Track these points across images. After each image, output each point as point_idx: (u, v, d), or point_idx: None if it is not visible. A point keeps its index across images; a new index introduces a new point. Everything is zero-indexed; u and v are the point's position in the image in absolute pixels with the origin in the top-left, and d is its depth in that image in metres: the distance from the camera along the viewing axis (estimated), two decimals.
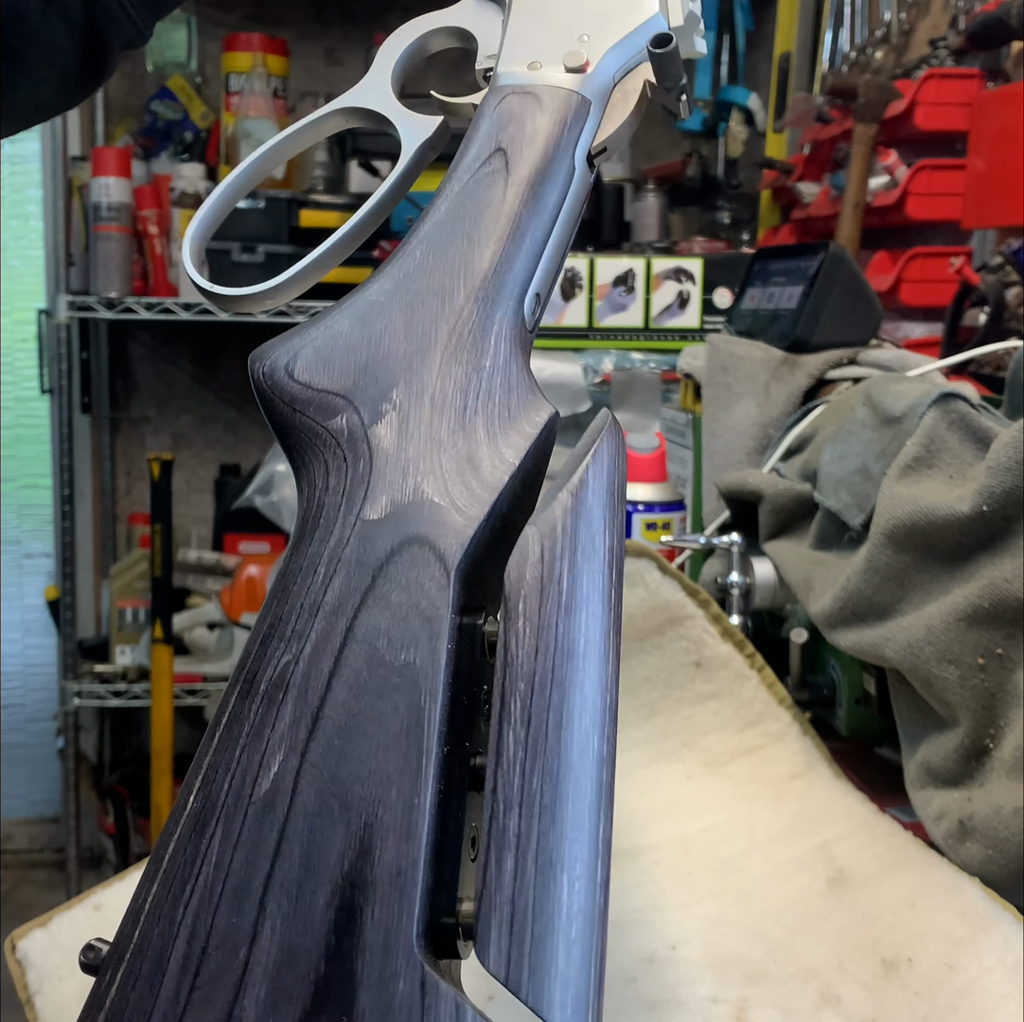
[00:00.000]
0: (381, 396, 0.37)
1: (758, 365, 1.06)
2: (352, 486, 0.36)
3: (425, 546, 0.35)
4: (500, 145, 0.41)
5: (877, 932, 0.61)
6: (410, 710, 0.33)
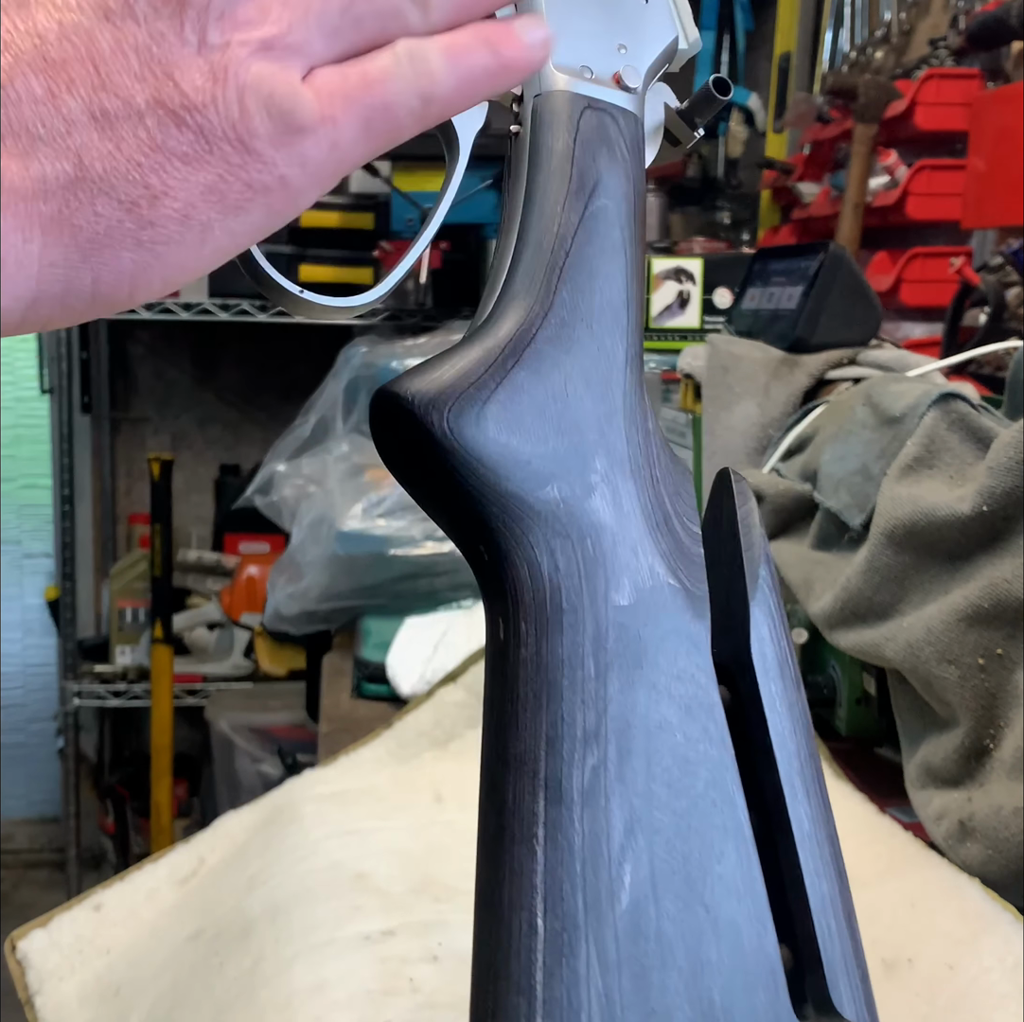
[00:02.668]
0: (585, 465, 0.35)
1: (758, 365, 1.06)
2: (587, 567, 0.34)
3: (681, 634, 0.35)
4: (601, 174, 0.38)
5: (877, 932, 0.61)
6: (726, 803, 0.34)
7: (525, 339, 0.36)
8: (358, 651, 1.26)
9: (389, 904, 0.66)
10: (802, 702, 0.37)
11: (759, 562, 0.37)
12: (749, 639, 0.36)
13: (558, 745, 0.33)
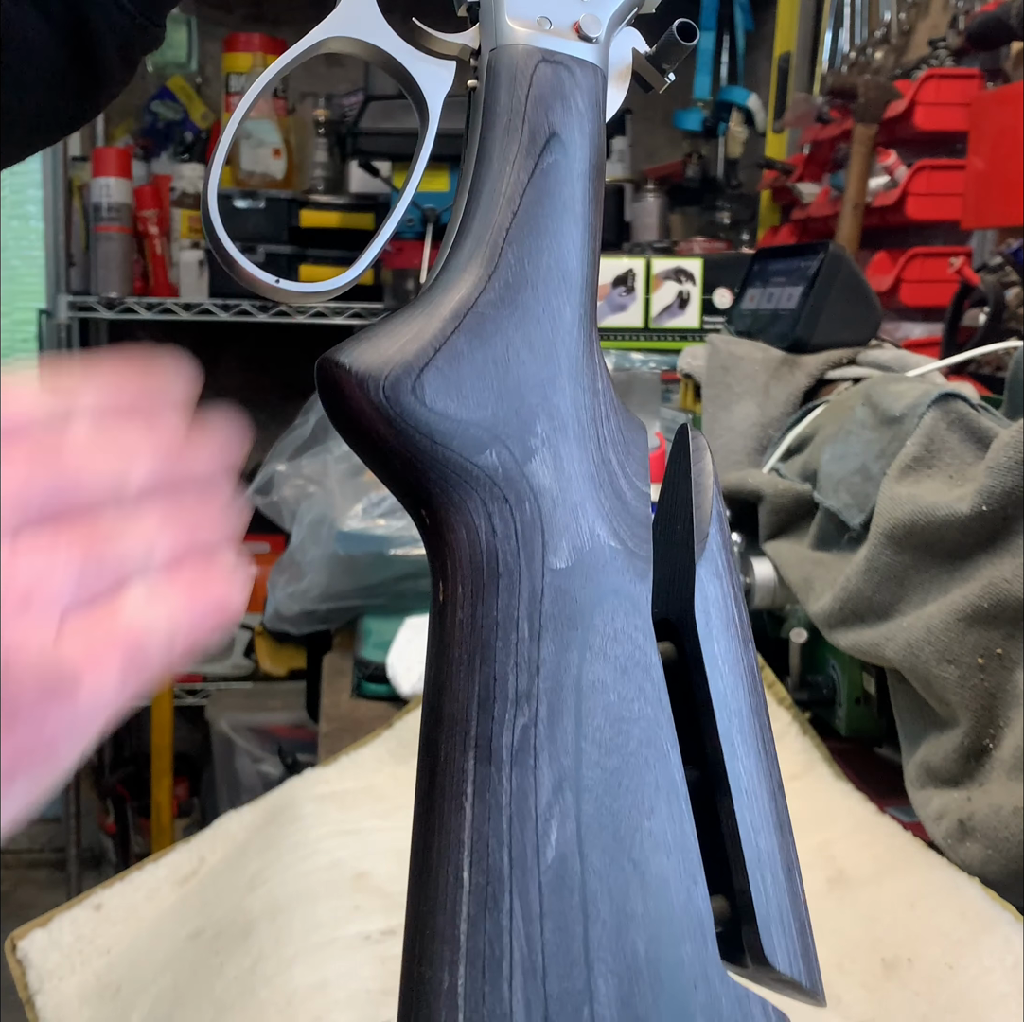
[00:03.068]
0: (525, 429, 0.35)
1: (758, 365, 1.06)
2: (525, 531, 0.35)
3: (621, 595, 0.35)
4: (554, 129, 0.37)
5: (877, 932, 0.61)
6: (659, 760, 0.35)
7: (467, 304, 0.36)
8: (358, 651, 1.26)
9: (389, 904, 0.66)
10: (748, 660, 0.37)
11: (708, 521, 0.37)
12: (693, 600, 0.36)
13: (489, 705, 0.34)
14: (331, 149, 2.58)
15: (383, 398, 0.34)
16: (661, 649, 0.36)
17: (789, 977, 0.34)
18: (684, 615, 0.37)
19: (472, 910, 0.33)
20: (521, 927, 0.32)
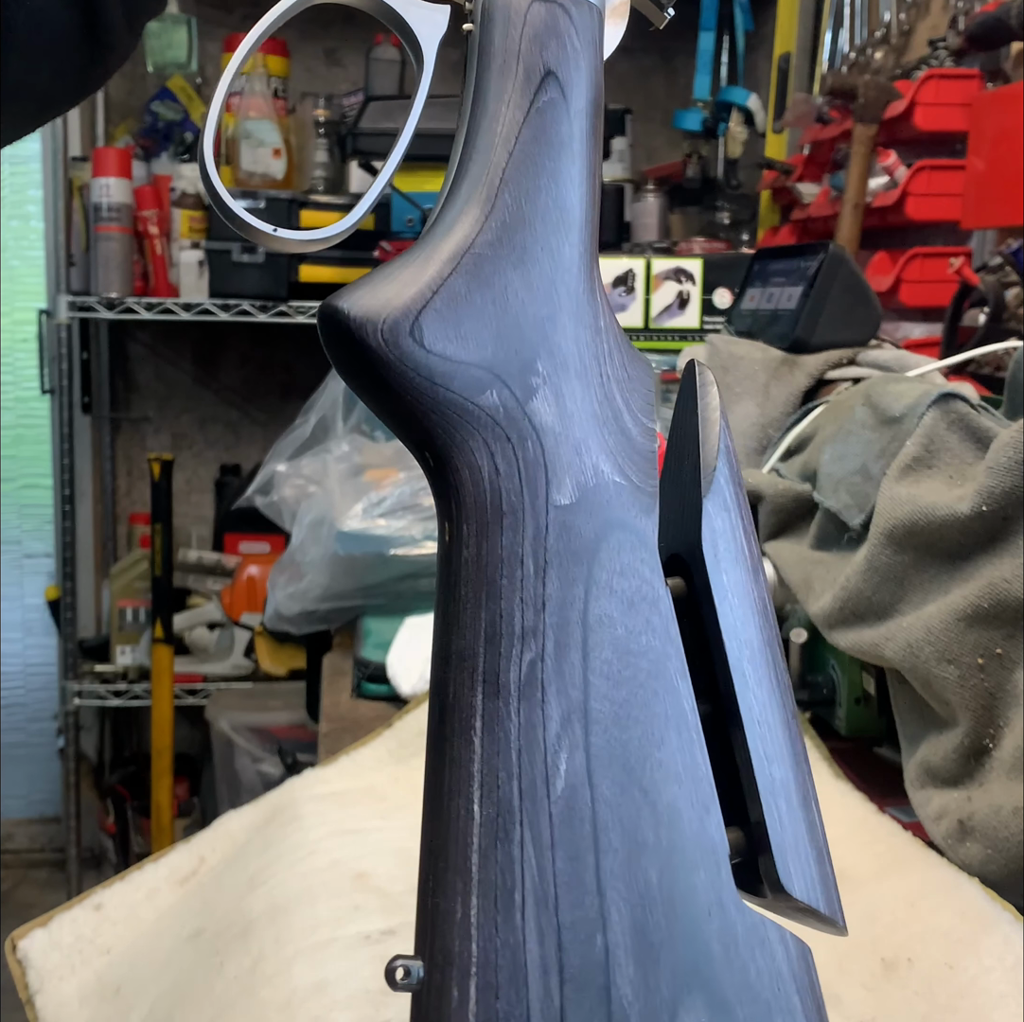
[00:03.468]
0: (526, 368, 0.35)
1: (758, 365, 1.06)
2: (528, 469, 0.35)
3: (626, 529, 0.36)
4: (549, 67, 0.37)
5: (877, 932, 0.61)
6: (668, 691, 0.35)
7: (465, 245, 0.36)
8: (358, 651, 1.26)
9: (389, 903, 0.66)
10: (759, 591, 0.37)
11: (715, 454, 0.37)
12: (700, 532, 0.36)
13: (496, 641, 0.34)
14: (331, 149, 2.58)
15: (382, 341, 0.34)
16: (671, 584, 0.36)
17: (806, 904, 0.35)
18: (693, 549, 0.37)
19: (483, 842, 0.33)
20: (532, 858, 0.33)
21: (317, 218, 2.42)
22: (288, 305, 2.42)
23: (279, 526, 1.62)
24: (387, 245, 2.17)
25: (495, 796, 0.33)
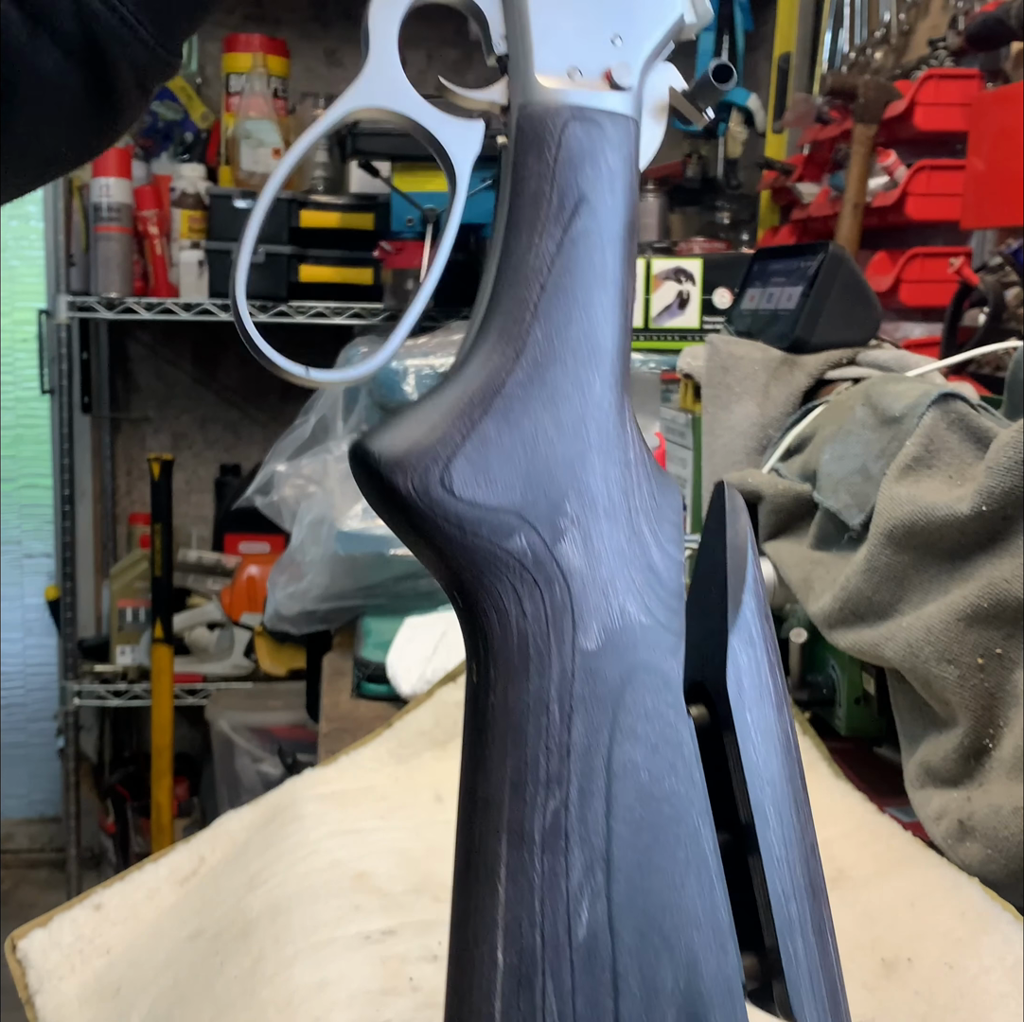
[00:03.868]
0: (554, 510, 0.35)
1: (758, 365, 1.06)
2: (555, 613, 0.35)
3: (651, 672, 0.36)
4: (583, 193, 0.36)
5: (877, 931, 0.61)
6: (689, 837, 0.35)
7: (495, 386, 0.36)
8: (358, 651, 1.26)
9: (389, 903, 0.66)
10: (783, 725, 0.37)
11: (743, 587, 0.37)
12: (725, 669, 0.36)
13: (521, 789, 0.34)
14: (331, 149, 2.57)
15: (412, 490, 0.35)
16: (694, 713, 0.36)
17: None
18: (717, 682, 0.37)
19: (506, 989, 0.34)
20: (553, 1005, 0.34)
21: (317, 218, 2.42)
22: (288, 305, 2.42)
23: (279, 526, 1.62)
24: (387, 245, 2.16)
25: (518, 944, 0.34)
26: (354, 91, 0.37)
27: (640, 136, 0.38)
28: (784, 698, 0.37)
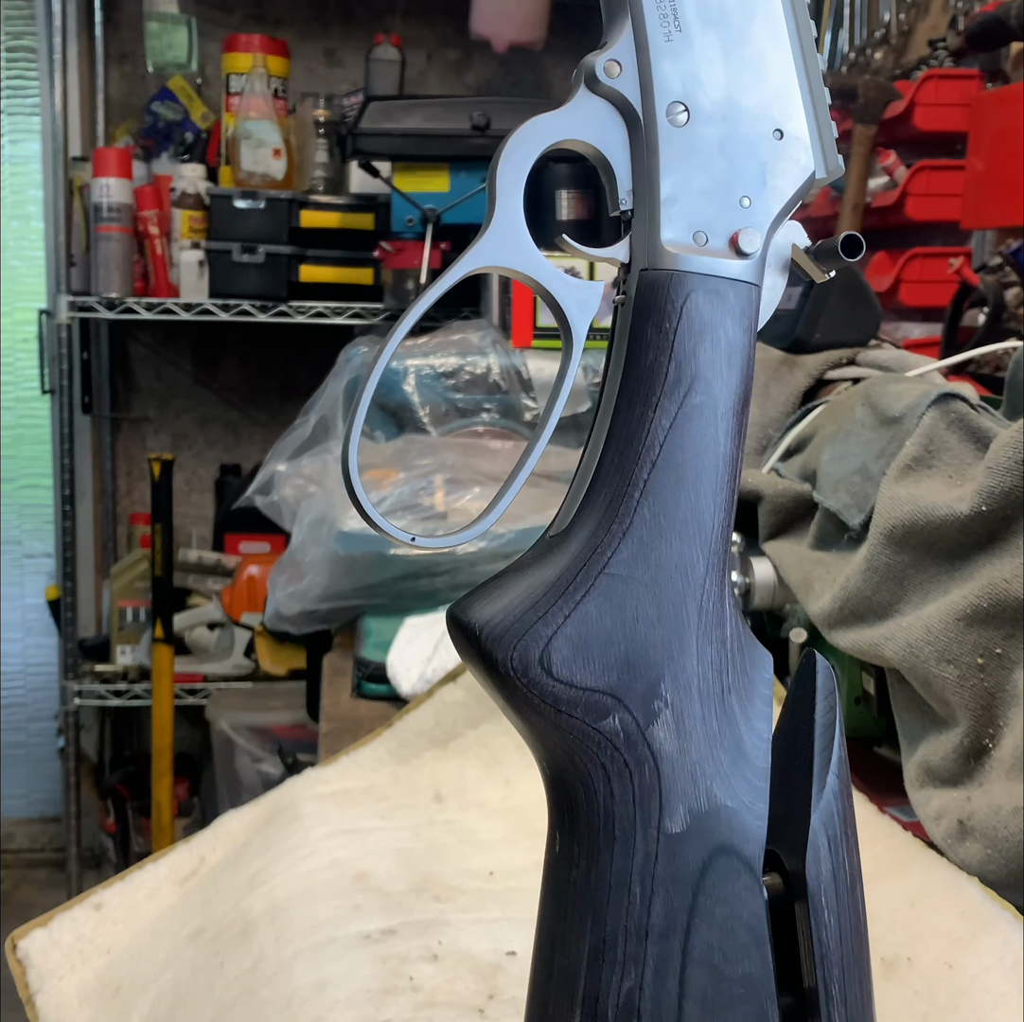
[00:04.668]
0: (650, 692, 0.35)
1: (757, 365, 1.06)
2: (643, 795, 0.35)
3: (732, 856, 0.36)
4: (701, 368, 0.36)
5: (876, 931, 0.61)
6: (757, 1016, 0.36)
7: (599, 563, 0.35)
8: (358, 651, 1.26)
9: (389, 903, 0.66)
10: (854, 905, 0.38)
11: (827, 768, 0.37)
12: (806, 850, 0.37)
13: (598, 966, 0.35)
14: (331, 149, 2.57)
15: (511, 669, 0.35)
16: (768, 882, 0.37)
17: None
18: (793, 857, 0.37)
19: None
20: None
21: (317, 218, 2.42)
22: (288, 305, 2.42)
23: (279, 526, 1.62)
24: (387, 245, 2.16)
25: None
26: (479, 248, 0.37)
27: (760, 304, 0.37)
28: (858, 877, 0.38)
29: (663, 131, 0.36)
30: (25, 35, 2.92)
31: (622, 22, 0.36)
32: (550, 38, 2.60)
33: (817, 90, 0.37)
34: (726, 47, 0.36)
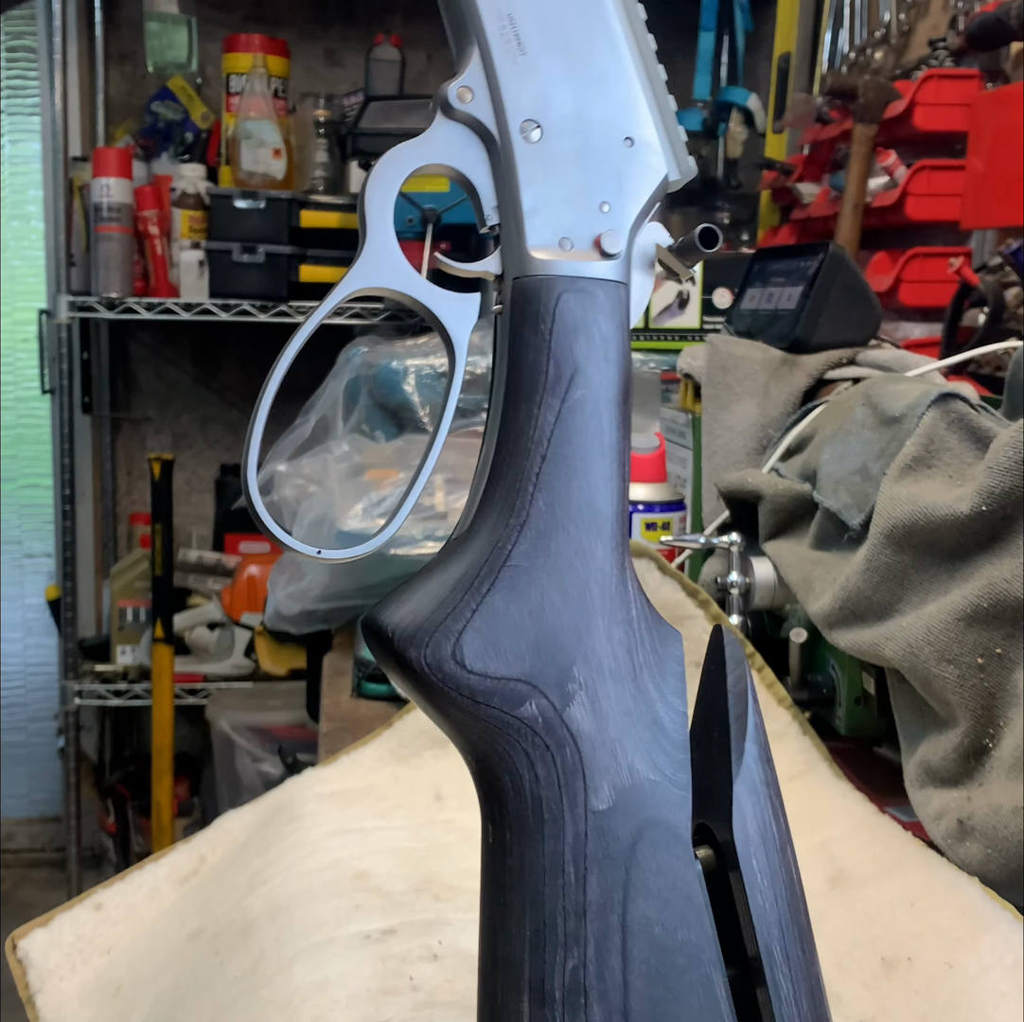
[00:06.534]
0: (563, 675, 0.36)
1: (758, 365, 1.06)
2: (567, 776, 0.36)
3: (660, 827, 0.37)
4: (579, 363, 0.37)
5: (877, 931, 0.61)
6: (702, 983, 0.36)
7: (501, 557, 0.37)
8: (358, 651, 1.26)
9: (389, 903, 0.66)
10: (787, 867, 0.38)
11: (745, 735, 0.38)
12: (731, 818, 0.37)
13: (540, 950, 0.36)
14: (331, 149, 2.57)
15: (425, 665, 0.36)
16: (701, 855, 0.38)
17: None
18: (722, 828, 0.38)
19: None
20: None
21: (317, 218, 2.42)
22: (288, 305, 2.42)
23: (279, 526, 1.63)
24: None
25: None
26: (355, 272, 0.39)
27: (631, 297, 0.39)
28: (787, 840, 0.38)
29: (519, 148, 0.38)
30: (25, 35, 2.92)
31: (470, 51, 0.38)
32: None
33: (662, 99, 0.41)
34: (570, 66, 0.39)
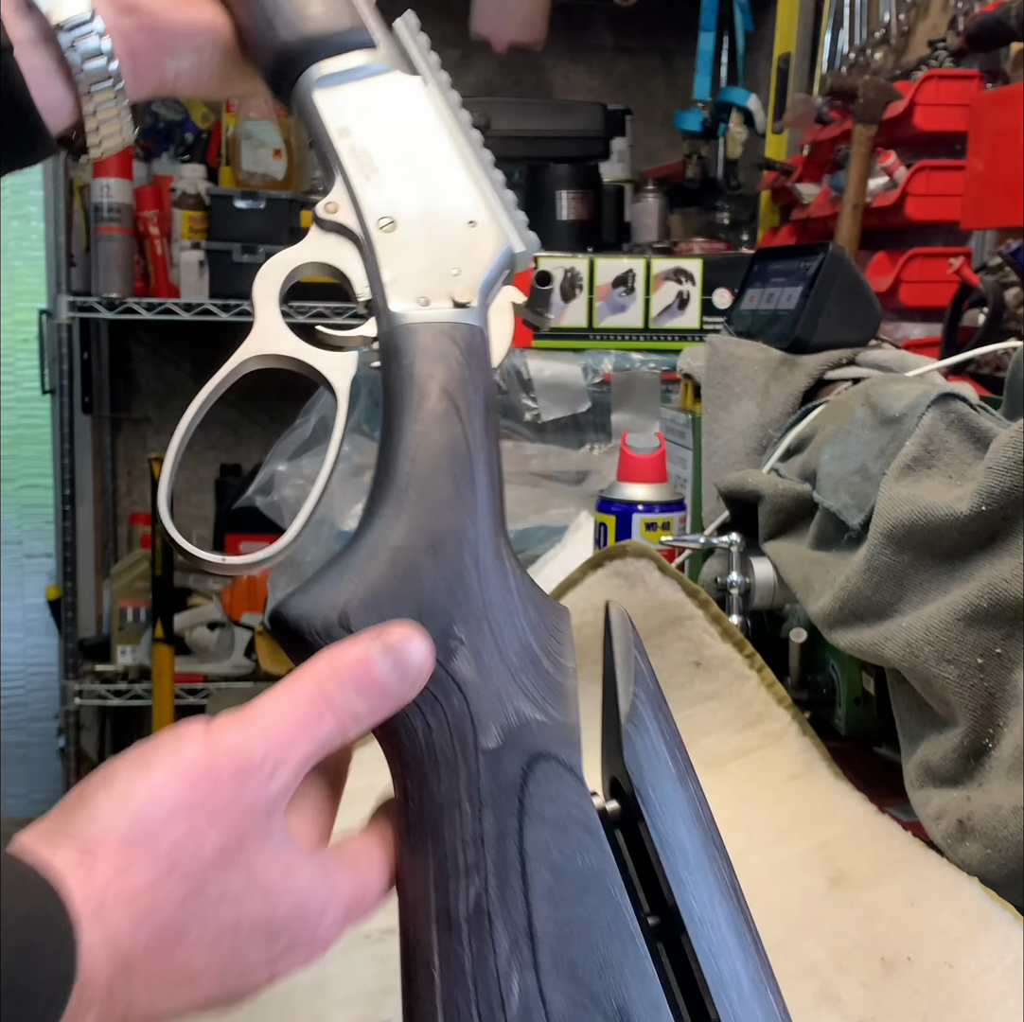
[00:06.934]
0: (444, 633, 0.40)
1: (757, 365, 1.07)
2: (456, 721, 0.40)
3: (551, 760, 0.40)
4: (442, 386, 0.44)
5: (876, 931, 0.61)
6: (608, 905, 0.39)
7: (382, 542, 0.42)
8: None
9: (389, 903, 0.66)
10: (688, 795, 0.41)
11: (631, 681, 0.42)
12: (623, 755, 0.40)
13: (443, 882, 0.38)
14: None
15: (316, 634, 0.41)
16: (609, 807, 0.41)
17: None
18: (625, 777, 0.41)
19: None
20: None
21: None
22: (288, 305, 2.42)
23: (279, 526, 1.62)
24: None
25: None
26: (247, 345, 0.50)
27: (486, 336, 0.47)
28: (686, 770, 0.41)
29: (377, 239, 0.48)
30: None
31: (334, 175, 0.49)
32: (550, 38, 2.60)
33: (500, 191, 0.49)
34: (415, 175, 0.49)
